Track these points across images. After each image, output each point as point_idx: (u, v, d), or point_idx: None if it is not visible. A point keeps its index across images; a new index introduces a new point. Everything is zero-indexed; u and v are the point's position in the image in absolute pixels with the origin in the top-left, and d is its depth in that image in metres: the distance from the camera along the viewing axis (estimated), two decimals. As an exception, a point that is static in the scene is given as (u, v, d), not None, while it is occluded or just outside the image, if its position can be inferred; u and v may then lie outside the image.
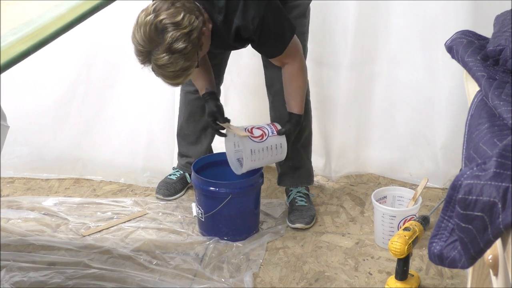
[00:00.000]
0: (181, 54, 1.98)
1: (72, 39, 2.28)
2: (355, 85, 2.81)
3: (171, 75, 2.03)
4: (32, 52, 1.53)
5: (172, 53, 1.97)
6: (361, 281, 2.22)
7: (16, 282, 2.17)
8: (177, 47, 1.97)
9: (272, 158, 2.39)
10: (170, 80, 2.08)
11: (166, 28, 1.96)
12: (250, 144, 2.32)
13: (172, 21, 1.96)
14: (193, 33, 2.00)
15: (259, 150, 2.33)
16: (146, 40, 1.98)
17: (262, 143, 2.33)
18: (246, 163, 2.34)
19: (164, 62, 1.98)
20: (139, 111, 2.91)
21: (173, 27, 1.96)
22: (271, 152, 2.35)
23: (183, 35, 1.97)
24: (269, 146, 2.34)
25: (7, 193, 2.86)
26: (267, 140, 2.34)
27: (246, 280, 2.20)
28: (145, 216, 2.65)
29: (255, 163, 2.37)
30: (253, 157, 2.33)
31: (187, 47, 1.98)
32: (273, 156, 2.37)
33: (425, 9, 2.62)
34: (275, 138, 2.35)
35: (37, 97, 2.94)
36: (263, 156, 2.35)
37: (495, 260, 1.11)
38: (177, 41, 1.96)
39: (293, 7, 2.38)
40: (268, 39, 2.19)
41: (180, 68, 2.01)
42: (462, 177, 1.04)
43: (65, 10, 1.75)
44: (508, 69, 1.37)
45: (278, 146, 2.36)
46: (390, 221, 2.34)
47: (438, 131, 2.76)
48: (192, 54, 2.02)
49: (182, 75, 2.06)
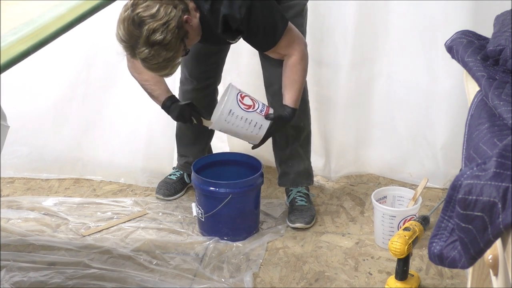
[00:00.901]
0: (161, 45, 1.98)
1: (72, 39, 2.28)
2: (355, 85, 2.81)
3: (155, 67, 2.04)
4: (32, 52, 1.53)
5: (152, 46, 1.98)
6: (361, 281, 2.22)
7: (16, 282, 2.17)
8: (155, 38, 1.97)
9: (244, 132, 2.29)
10: (157, 72, 2.09)
11: (142, 21, 1.97)
12: (233, 105, 2.26)
13: (148, 14, 1.97)
14: (171, 23, 1.99)
15: (237, 115, 2.26)
16: (127, 36, 2.00)
17: (244, 111, 2.27)
18: (219, 116, 2.25)
19: (145, 55, 1.99)
20: (139, 111, 2.91)
21: (149, 19, 1.97)
22: (247, 126, 2.27)
23: (160, 25, 1.97)
24: (249, 118, 2.27)
25: (7, 193, 2.86)
26: (251, 114, 2.27)
27: (246, 280, 2.20)
28: (145, 216, 2.65)
29: (226, 125, 2.27)
30: (228, 117, 2.25)
31: (166, 38, 1.98)
32: (247, 130, 2.28)
33: (425, 9, 2.62)
34: (259, 117, 2.28)
35: (37, 97, 2.94)
36: (237, 124, 2.26)
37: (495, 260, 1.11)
38: (154, 32, 1.97)
39: (289, 7, 2.37)
40: (257, 30, 2.17)
41: (163, 59, 2.01)
42: (462, 177, 1.04)
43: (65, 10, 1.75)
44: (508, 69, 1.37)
45: (257, 125, 2.27)
46: (390, 221, 2.34)
47: (438, 131, 2.75)
48: (174, 44, 2.01)
49: (168, 66, 2.06)
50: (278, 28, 2.20)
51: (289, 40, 2.24)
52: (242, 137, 2.35)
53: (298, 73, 2.30)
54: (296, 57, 2.28)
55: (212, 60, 2.59)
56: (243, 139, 2.39)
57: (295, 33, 2.26)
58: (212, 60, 2.59)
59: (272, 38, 2.21)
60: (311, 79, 2.62)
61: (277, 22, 2.20)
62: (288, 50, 2.26)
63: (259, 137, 2.31)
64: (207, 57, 2.53)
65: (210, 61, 2.58)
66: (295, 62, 2.28)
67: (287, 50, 2.25)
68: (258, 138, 2.31)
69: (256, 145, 2.36)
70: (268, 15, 2.18)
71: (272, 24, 2.19)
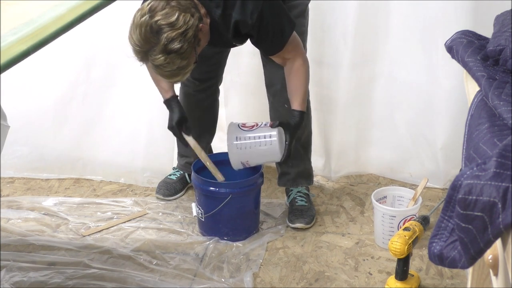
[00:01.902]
0: (177, 53, 1.98)
1: (72, 39, 2.28)
2: (355, 85, 2.81)
3: (168, 74, 2.04)
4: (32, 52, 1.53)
5: (168, 54, 1.97)
6: (361, 281, 2.22)
7: (16, 282, 2.17)
8: (173, 47, 1.97)
9: (260, 151, 2.30)
10: (168, 78, 2.09)
11: (161, 29, 1.96)
12: (237, 131, 2.28)
13: (167, 22, 1.96)
14: (189, 32, 1.99)
15: (245, 137, 2.27)
16: (142, 41, 1.99)
17: (249, 131, 2.29)
18: (230, 148, 2.28)
19: (160, 62, 1.99)
20: (139, 111, 2.91)
21: (168, 28, 1.96)
22: (258, 143, 2.28)
23: (178, 35, 1.97)
24: (256, 135, 2.28)
25: (7, 193, 2.86)
26: (256, 130, 2.29)
27: (246, 280, 2.20)
28: (145, 216, 2.65)
29: (242, 153, 2.29)
30: (238, 143, 2.28)
31: (183, 47, 1.98)
32: (260, 147, 2.28)
33: (425, 9, 2.62)
34: (265, 129, 2.29)
35: (37, 97, 2.94)
36: (249, 145, 2.28)
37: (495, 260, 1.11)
38: (172, 41, 1.96)
39: (292, 7, 2.38)
40: (267, 34, 2.18)
41: (177, 67, 2.02)
42: (462, 177, 1.04)
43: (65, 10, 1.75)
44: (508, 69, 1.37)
45: (266, 137, 2.28)
46: (390, 221, 2.34)
47: (438, 131, 2.75)
48: (189, 53, 2.02)
49: (180, 74, 2.06)
50: (285, 32, 2.21)
51: (294, 45, 2.26)
52: (262, 158, 2.35)
53: (302, 76, 2.31)
54: (299, 60, 2.29)
55: (213, 61, 2.59)
56: (265, 161, 2.40)
57: (298, 38, 2.29)
58: (213, 61, 2.59)
59: (280, 43, 2.22)
60: (311, 79, 2.60)
61: (285, 27, 2.21)
62: (292, 54, 2.27)
63: (275, 149, 2.29)
64: (208, 58, 2.53)
65: (211, 62, 2.58)
66: (299, 66, 2.29)
67: (291, 54, 2.26)
68: (275, 151, 2.29)
69: (282, 159, 2.33)
70: (278, 20, 2.19)
71: (281, 29, 2.20)
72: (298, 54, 2.28)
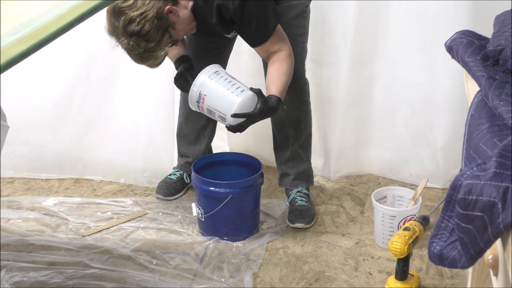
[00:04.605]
0: (139, 35, 2.01)
1: (72, 39, 2.28)
2: (355, 85, 2.81)
3: (137, 57, 2.08)
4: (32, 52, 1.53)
5: (130, 36, 2.01)
6: (361, 281, 2.22)
7: (16, 282, 2.17)
8: (132, 29, 2.00)
9: (225, 93, 2.17)
10: (140, 62, 2.12)
11: (120, 11, 2.01)
12: (220, 69, 2.24)
13: (126, 4, 2.00)
14: (148, 13, 2.01)
15: (222, 76, 2.21)
16: (110, 27, 2.06)
17: (229, 76, 2.23)
18: (198, 78, 2.20)
19: (125, 45, 2.04)
20: (139, 111, 2.91)
21: (127, 10, 2.00)
22: (229, 86, 2.18)
23: (136, 16, 2.00)
24: (233, 81, 2.20)
25: (7, 193, 2.86)
26: (235, 80, 2.23)
27: (246, 280, 2.20)
28: (145, 216, 2.65)
29: (209, 81, 2.19)
30: (213, 75, 2.20)
31: (143, 28, 2.00)
32: (227, 91, 2.17)
33: (425, 9, 2.62)
34: (243, 85, 2.21)
35: (37, 97, 2.94)
36: (220, 82, 2.18)
37: (495, 260, 1.11)
38: (130, 23, 1.99)
39: (290, 7, 2.37)
40: (250, 22, 2.17)
41: (144, 50, 2.04)
42: (462, 177, 1.04)
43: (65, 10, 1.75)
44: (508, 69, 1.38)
45: (239, 88, 2.18)
46: (390, 221, 2.34)
47: (438, 131, 2.76)
48: (154, 35, 2.03)
49: (150, 57, 2.08)
50: (270, 22, 2.20)
51: (279, 38, 2.24)
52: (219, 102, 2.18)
53: (286, 66, 2.25)
54: (285, 52, 2.26)
55: (214, 60, 2.58)
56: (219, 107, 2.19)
57: (284, 33, 2.27)
58: (214, 60, 2.58)
59: (264, 32, 2.21)
60: (311, 79, 2.62)
61: (269, 17, 2.20)
62: (278, 46, 2.25)
63: (238, 102, 2.15)
64: (209, 57, 2.53)
65: (211, 61, 2.57)
66: (284, 56, 2.25)
67: (276, 46, 2.24)
68: (236, 103, 2.15)
69: (232, 127, 2.18)
70: (261, 9, 2.18)
71: (265, 18, 2.20)
72: (284, 46, 2.25)
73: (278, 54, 2.25)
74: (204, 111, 2.25)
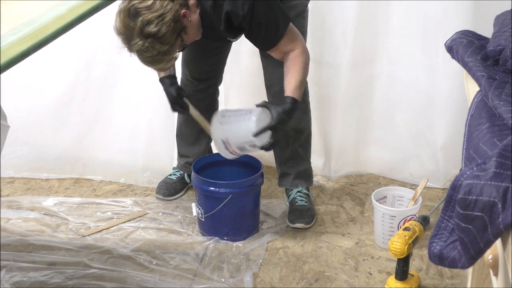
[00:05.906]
0: (156, 37, 1.98)
1: (72, 39, 2.28)
2: (355, 85, 2.81)
3: (150, 60, 2.04)
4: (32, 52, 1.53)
5: (146, 38, 1.98)
6: (361, 281, 2.22)
7: (16, 282, 2.17)
8: (150, 30, 1.97)
9: (239, 126, 2.20)
10: (151, 65, 2.08)
11: (138, 12, 1.97)
12: (224, 110, 2.30)
13: (144, 5, 1.97)
14: (167, 16, 1.99)
15: (229, 116, 2.25)
16: (123, 27, 2.00)
17: (234, 110, 2.29)
18: (213, 126, 2.25)
19: (139, 47, 1.99)
20: (139, 111, 2.91)
21: (145, 11, 1.97)
22: (238, 117, 2.22)
23: (155, 17, 1.97)
24: (239, 111, 2.26)
25: (7, 193, 2.86)
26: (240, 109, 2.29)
27: (246, 280, 2.20)
28: (145, 216, 2.65)
29: (222, 128, 2.24)
30: (221, 119, 2.25)
31: (160, 30, 1.98)
32: (240, 121, 2.20)
33: (425, 9, 2.62)
34: (248, 107, 2.24)
35: (37, 97, 2.94)
36: (230, 121, 2.23)
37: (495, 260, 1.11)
38: (148, 24, 1.96)
39: (290, 7, 2.37)
40: (259, 28, 2.16)
41: (158, 52, 2.01)
42: (462, 177, 1.04)
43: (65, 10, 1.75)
44: (508, 69, 1.38)
45: (248, 112, 2.20)
46: (390, 221, 2.34)
47: (438, 131, 2.75)
48: (169, 38, 2.01)
49: (163, 60, 2.05)
50: (280, 26, 2.19)
51: (291, 38, 2.22)
52: (240, 136, 2.23)
53: (300, 64, 2.24)
54: (298, 50, 2.24)
55: (213, 60, 2.59)
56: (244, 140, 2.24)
57: (296, 31, 2.25)
58: (213, 60, 2.59)
59: (274, 36, 2.20)
60: (311, 79, 2.62)
61: (279, 20, 2.19)
62: (291, 46, 2.23)
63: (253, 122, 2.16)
64: (208, 58, 2.53)
65: (210, 62, 2.58)
66: (297, 54, 2.24)
67: (289, 46, 2.23)
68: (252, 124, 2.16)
69: (266, 146, 2.21)
70: (270, 13, 2.17)
71: (274, 22, 2.18)
72: (297, 45, 2.24)
73: (291, 54, 2.24)
74: (237, 152, 2.29)
